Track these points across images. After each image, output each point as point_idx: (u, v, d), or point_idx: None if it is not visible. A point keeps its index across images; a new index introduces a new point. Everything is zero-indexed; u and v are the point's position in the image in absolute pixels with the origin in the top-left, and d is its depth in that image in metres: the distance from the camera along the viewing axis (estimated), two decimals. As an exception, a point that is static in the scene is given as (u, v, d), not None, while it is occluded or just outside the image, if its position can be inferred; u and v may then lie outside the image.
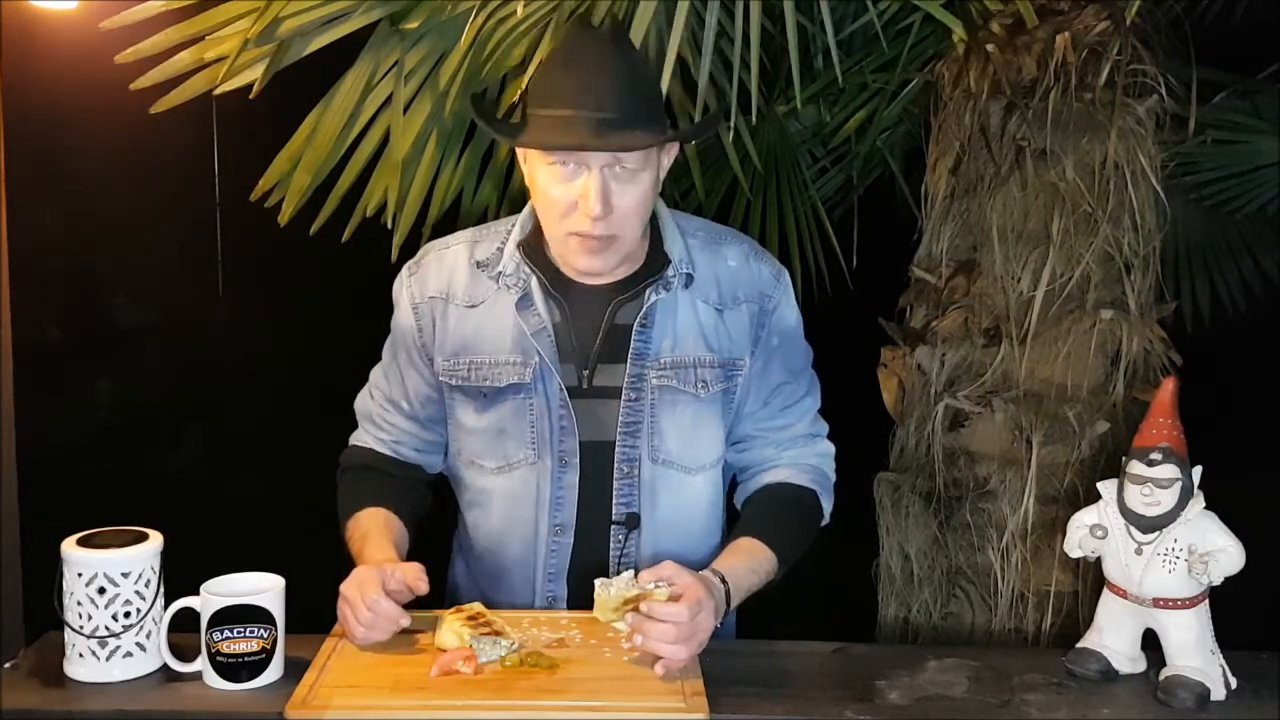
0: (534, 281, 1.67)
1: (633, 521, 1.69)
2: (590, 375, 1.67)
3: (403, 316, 1.74)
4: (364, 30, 2.36)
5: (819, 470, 1.78)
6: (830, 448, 1.82)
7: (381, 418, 1.78)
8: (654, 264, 1.68)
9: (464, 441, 1.74)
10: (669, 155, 1.66)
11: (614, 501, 1.69)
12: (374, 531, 1.66)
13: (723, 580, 1.55)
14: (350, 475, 1.79)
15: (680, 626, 1.41)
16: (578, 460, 1.67)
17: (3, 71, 2.79)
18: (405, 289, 1.74)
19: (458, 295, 1.70)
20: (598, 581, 1.45)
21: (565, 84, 1.55)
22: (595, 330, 1.66)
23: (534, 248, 1.68)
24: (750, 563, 1.63)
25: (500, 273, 1.68)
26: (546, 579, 1.71)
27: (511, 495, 1.71)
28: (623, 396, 1.66)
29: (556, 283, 1.67)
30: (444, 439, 1.78)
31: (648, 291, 1.66)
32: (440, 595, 1.85)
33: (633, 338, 1.66)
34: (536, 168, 1.59)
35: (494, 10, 2.25)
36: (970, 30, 2.56)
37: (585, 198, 1.54)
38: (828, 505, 1.79)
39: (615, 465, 1.68)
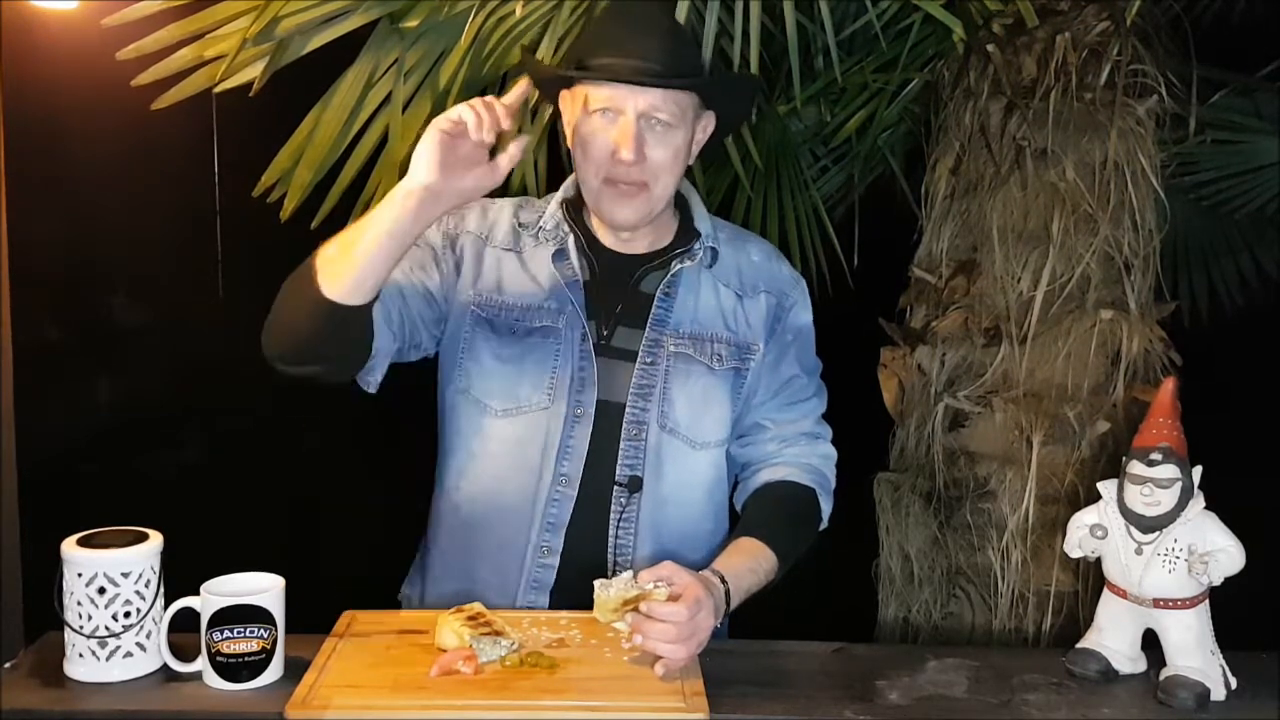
0: (571, 239, 1.73)
1: (635, 484, 1.70)
2: (610, 336, 1.71)
3: (430, 233, 1.71)
4: (364, 28, 2.36)
5: (819, 472, 1.79)
6: (832, 451, 1.83)
7: None
8: (682, 240, 1.76)
9: (477, 378, 1.72)
10: (703, 129, 1.73)
11: (619, 462, 1.70)
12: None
13: (722, 580, 1.55)
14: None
15: (680, 626, 1.41)
16: (592, 413, 1.69)
17: (3, 71, 2.79)
18: (444, 219, 1.72)
19: (497, 239, 1.75)
20: (597, 582, 1.45)
21: (613, 36, 1.65)
22: (620, 294, 1.73)
23: (575, 209, 1.76)
24: (750, 562, 1.63)
25: (541, 228, 1.75)
26: (544, 529, 1.70)
27: (515, 440, 1.70)
28: (638, 359, 1.70)
29: (591, 244, 1.74)
30: (394, 339, 1.66)
31: (673, 262, 1.73)
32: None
33: (655, 304, 1.72)
34: (580, 120, 1.66)
35: (493, 9, 2.25)
36: (970, 30, 2.56)
37: (621, 142, 1.61)
38: (827, 508, 1.79)
39: (624, 426, 1.70)
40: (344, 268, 1.49)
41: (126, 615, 1.43)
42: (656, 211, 1.70)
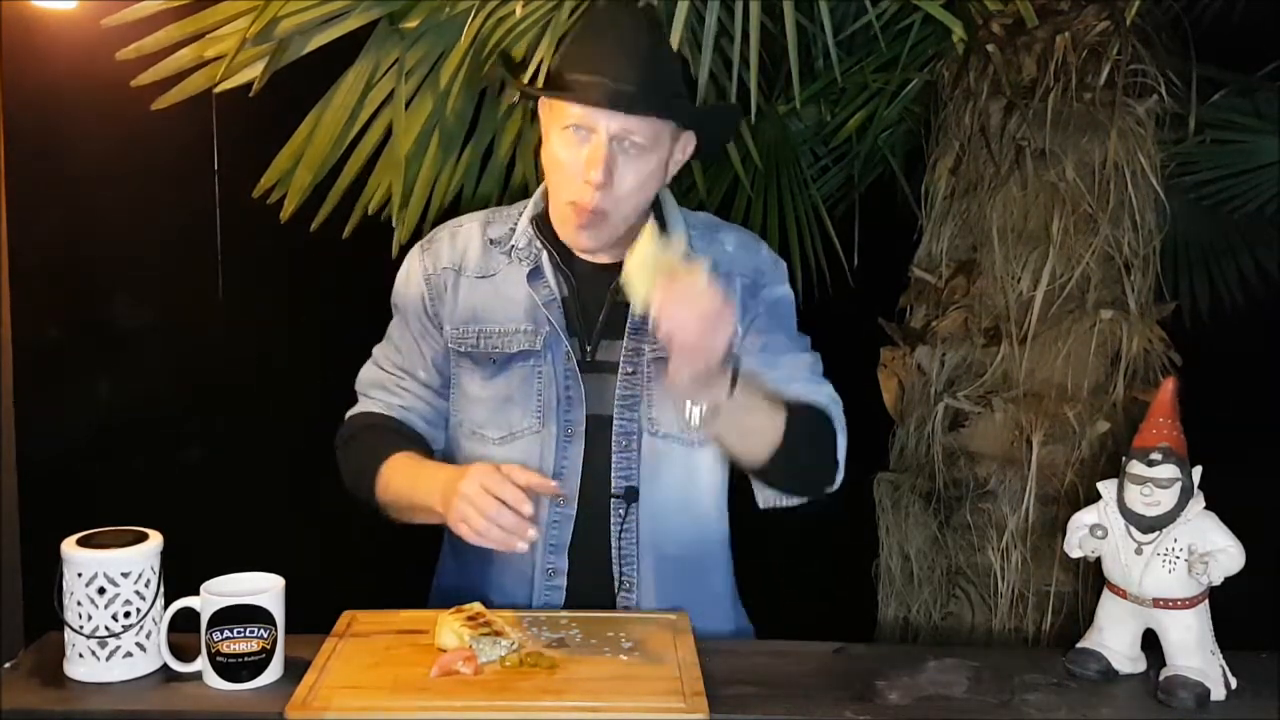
0: (545, 255, 1.71)
1: (631, 495, 1.69)
2: (593, 350, 1.70)
3: (413, 288, 1.76)
4: (364, 28, 2.36)
5: (828, 406, 1.71)
6: (837, 396, 1.74)
7: (396, 384, 1.77)
8: None
9: (468, 411, 1.74)
10: (683, 149, 1.70)
11: (613, 475, 1.69)
12: (426, 463, 1.66)
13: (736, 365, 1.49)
14: (364, 435, 1.75)
15: (706, 316, 1.36)
16: (584, 430, 1.68)
17: (3, 71, 2.79)
18: (418, 262, 1.77)
19: (470, 268, 1.74)
20: (646, 228, 1.40)
21: (590, 53, 1.61)
22: (599, 306, 1.70)
23: (546, 223, 1.73)
24: (764, 401, 1.57)
25: (513, 246, 1.72)
26: (548, 551, 1.70)
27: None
28: (619, 370, 1.69)
29: (565, 259, 1.72)
30: (432, 428, 1.78)
31: None
32: (426, 596, 1.85)
33: (630, 312, 1.68)
34: (553, 134, 1.64)
35: (493, 9, 2.25)
36: (970, 30, 2.56)
37: (590, 163, 1.58)
38: (842, 440, 1.71)
39: (614, 439, 1.69)
40: (400, 516, 1.68)
41: (126, 615, 1.43)
42: (616, 237, 1.66)
